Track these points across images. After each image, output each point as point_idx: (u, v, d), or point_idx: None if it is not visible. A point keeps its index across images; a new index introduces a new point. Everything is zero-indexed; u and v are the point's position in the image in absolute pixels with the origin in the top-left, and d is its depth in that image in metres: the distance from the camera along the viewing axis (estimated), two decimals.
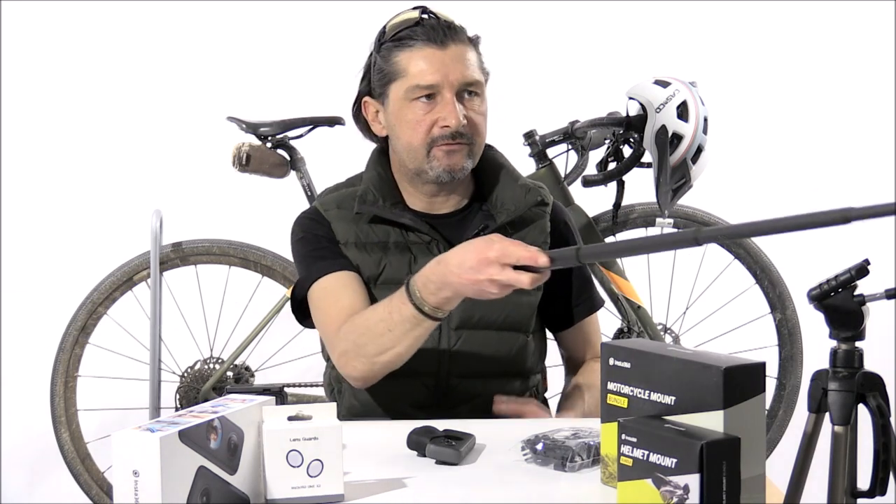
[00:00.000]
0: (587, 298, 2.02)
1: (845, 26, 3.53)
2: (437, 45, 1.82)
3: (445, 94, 1.82)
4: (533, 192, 1.92)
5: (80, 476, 2.92)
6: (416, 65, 1.83)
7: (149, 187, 3.34)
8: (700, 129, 2.58)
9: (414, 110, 1.84)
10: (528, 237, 1.91)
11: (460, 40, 1.85)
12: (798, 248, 3.20)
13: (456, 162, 1.84)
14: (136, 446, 1.19)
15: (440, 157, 1.84)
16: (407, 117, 1.85)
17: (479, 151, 1.89)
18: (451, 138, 1.82)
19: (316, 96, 2.95)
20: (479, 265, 1.53)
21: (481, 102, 1.87)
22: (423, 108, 1.83)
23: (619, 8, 3.49)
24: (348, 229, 1.89)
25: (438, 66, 1.82)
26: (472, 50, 1.87)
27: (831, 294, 1.43)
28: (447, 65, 1.82)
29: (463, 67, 1.83)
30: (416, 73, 1.83)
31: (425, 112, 1.83)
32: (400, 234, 1.88)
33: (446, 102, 1.82)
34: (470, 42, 1.88)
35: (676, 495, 1.18)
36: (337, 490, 1.33)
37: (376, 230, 1.89)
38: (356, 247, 1.89)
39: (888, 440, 1.41)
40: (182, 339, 2.96)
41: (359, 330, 1.75)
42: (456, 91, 1.83)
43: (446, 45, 1.83)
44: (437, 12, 1.88)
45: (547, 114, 2.85)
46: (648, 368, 1.31)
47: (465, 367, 1.86)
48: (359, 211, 1.88)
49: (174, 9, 3.39)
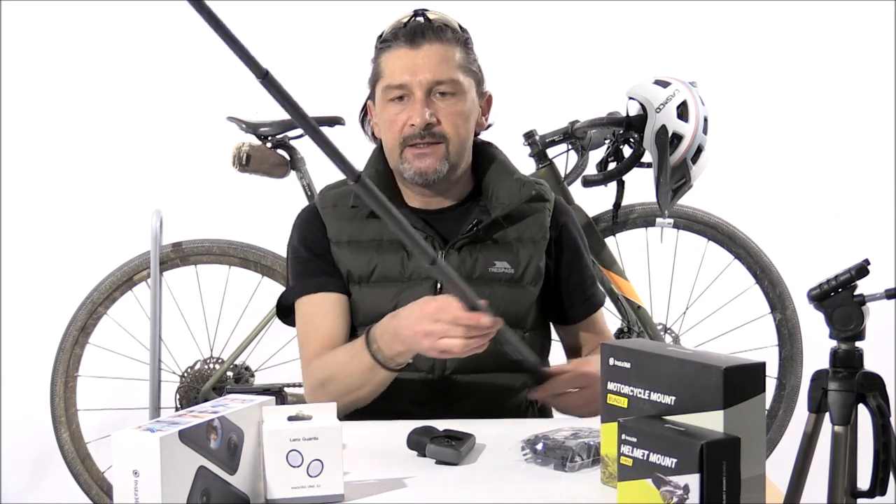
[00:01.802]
0: (593, 293, 2.03)
1: (845, 26, 3.53)
2: (410, 46, 1.86)
3: (416, 93, 1.85)
4: (528, 186, 1.93)
5: (80, 476, 2.92)
6: (390, 65, 1.87)
7: (149, 187, 3.34)
8: (700, 129, 2.58)
9: (389, 110, 1.88)
10: (527, 233, 1.92)
11: (437, 40, 1.86)
12: (798, 248, 3.21)
13: (427, 165, 1.86)
14: (136, 446, 1.19)
15: (410, 160, 1.87)
16: (384, 117, 1.89)
17: (459, 151, 1.89)
18: (419, 137, 1.85)
19: (316, 96, 2.95)
20: (418, 319, 1.63)
21: (457, 102, 1.87)
22: (396, 108, 1.87)
23: (619, 8, 3.49)
24: (342, 228, 1.92)
25: (409, 65, 1.85)
26: (455, 49, 1.88)
27: (831, 294, 1.43)
28: (417, 65, 1.85)
29: (433, 66, 1.85)
30: (388, 74, 1.87)
31: (398, 112, 1.87)
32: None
33: (414, 101, 1.85)
34: (456, 42, 1.88)
35: (676, 495, 1.18)
36: (337, 490, 1.33)
37: (371, 227, 1.90)
38: (349, 245, 1.90)
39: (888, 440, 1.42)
40: (182, 339, 2.96)
41: (327, 370, 1.82)
42: (426, 90, 1.84)
43: (419, 45, 1.85)
44: (430, 14, 1.89)
45: (547, 114, 2.85)
46: (648, 368, 1.31)
47: (464, 362, 1.86)
48: (354, 204, 1.90)
49: (174, 9, 3.39)
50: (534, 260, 1.91)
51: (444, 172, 1.87)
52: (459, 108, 1.87)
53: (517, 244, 1.92)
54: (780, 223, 3.36)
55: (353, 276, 1.90)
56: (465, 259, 1.88)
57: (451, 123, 1.86)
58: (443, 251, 1.88)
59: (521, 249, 1.91)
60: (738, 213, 2.99)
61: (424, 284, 1.87)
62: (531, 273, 1.91)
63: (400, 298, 1.85)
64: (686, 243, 2.92)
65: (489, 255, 1.89)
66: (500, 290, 1.87)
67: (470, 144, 1.92)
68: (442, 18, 1.90)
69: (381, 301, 1.86)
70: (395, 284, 1.88)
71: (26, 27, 3.40)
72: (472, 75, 1.90)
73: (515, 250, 1.91)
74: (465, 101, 1.88)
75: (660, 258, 2.91)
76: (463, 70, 1.88)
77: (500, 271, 1.89)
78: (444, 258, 1.87)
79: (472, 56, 1.91)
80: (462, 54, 1.89)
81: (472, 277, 1.87)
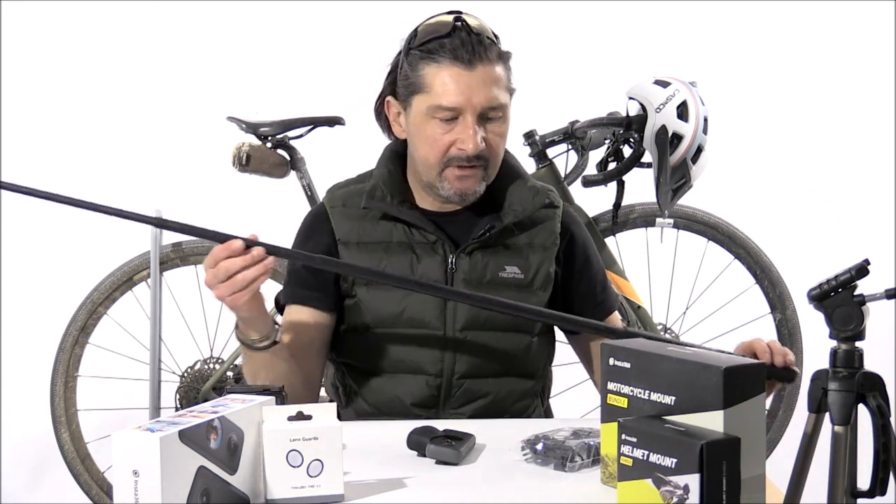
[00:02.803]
0: (605, 299, 2.01)
1: (845, 26, 3.53)
2: (464, 66, 1.78)
3: (467, 118, 1.79)
4: (541, 195, 1.91)
5: (80, 476, 2.92)
6: (441, 83, 1.79)
7: (149, 187, 3.34)
8: (700, 129, 2.58)
9: (433, 127, 1.81)
10: (537, 238, 1.91)
11: (489, 59, 1.79)
12: (798, 248, 3.21)
13: (468, 186, 1.83)
14: (136, 446, 1.19)
15: (451, 180, 1.83)
16: (426, 132, 1.82)
17: (495, 172, 1.87)
18: (466, 161, 1.81)
19: (316, 96, 2.96)
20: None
21: (502, 123, 1.83)
22: (443, 127, 1.80)
23: (619, 8, 3.49)
24: (351, 228, 1.89)
25: (463, 88, 1.78)
26: (501, 67, 1.82)
27: (831, 294, 1.43)
28: (472, 87, 1.78)
29: (488, 91, 1.79)
30: (440, 93, 1.79)
31: (444, 132, 1.80)
32: (404, 234, 1.88)
33: (467, 126, 1.79)
34: (500, 59, 1.82)
35: (676, 495, 1.18)
36: (337, 490, 1.33)
37: (380, 228, 1.88)
38: (357, 247, 1.89)
39: (888, 440, 1.42)
40: (182, 339, 2.96)
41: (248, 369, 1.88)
42: (478, 115, 1.79)
43: (474, 65, 1.78)
44: (470, 22, 1.81)
45: (547, 114, 2.85)
46: (648, 368, 1.31)
47: (469, 367, 1.86)
48: (366, 206, 1.88)
49: (174, 9, 3.39)
50: (544, 265, 1.90)
51: (481, 192, 1.85)
52: (503, 130, 1.84)
53: (527, 249, 1.90)
54: (780, 223, 3.36)
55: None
56: (475, 264, 1.87)
57: (496, 146, 1.83)
58: (453, 255, 1.86)
59: (531, 255, 1.90)
60: (738, 213, 2.99)
61: None
62: (541, 278, 1.90)
63: (408, 301, 1.84)
64: (686, 243, 2.92)
65: (500, 260, 1.88)
66: (510, 295, 1.85)
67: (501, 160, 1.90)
68: (483, 28, 1.82)
69: (388, 303, 1.85)
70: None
71: (26, 27, 3.40)
72: (511, 92, 1.86)
73: (526, 255, 1.90)
74: (507, 122, 1.85)
75: (660, 258, 2.91)
76: (507, 90, 1.84)
77: (510, 276, 1.88)
78: (455, 262, 1.86)
79: (510, 73, 1.86)
80: (505, 72, 1.83)
81: (482, 282, 1.86)
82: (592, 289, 1.99)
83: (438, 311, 1.85)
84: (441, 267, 1.86)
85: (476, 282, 1.86)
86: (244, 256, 1.65)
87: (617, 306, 2.06)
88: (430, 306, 1.85)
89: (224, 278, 1.66)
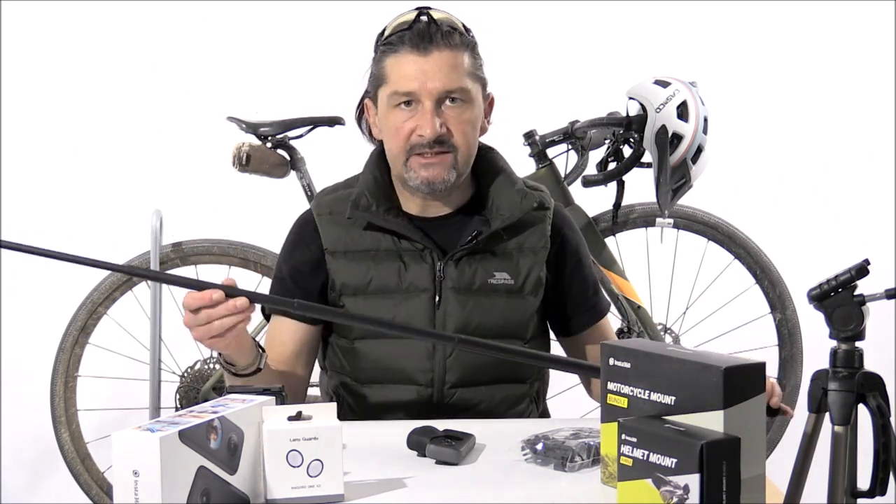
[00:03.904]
0: (596, 303, 2.00)
1: (845, 26, 3.53)
2: (419, 52, 1.79)
3: (424, 103, 1.80)
4: (529, 198, 1.89)
5: (80, 476, 2.92)
6: (398, 71, 1.81)
7: (149, 187, 3.34)
8: (700, 129, 2.58)
9: (395, 116, 1.83)
10: (527, 242, 1.90)
11: (447, 45, 1.80)
12: (798, 248, 3.21)
13: (435, 175, 1.82)
14: (136, 446, 1.19)
15: (416, 169, 1.82)
16: (389, 123, 1.84)
17: (467, 159, 1.85)
18: (428, 147, 1.80)
19: (316, 96, 2.96)
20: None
21: (466, 110, 1.82)
22: (403, 115, 1.82)
23: (619, 8, 3.49)
24: (338, 237, 1.88)
25: (418, 73, 1.79)
26: (464, 55, 1.82)
27: (831, 294, 1.43)
28: (427, 72, 1.79)
29: (443, 75, 1.79)
30: (396, 80, 1.81)
31: (405, 119, 1.82)
32: (392, 242, 1.86)
33: (424, 111, 1.80)
34: (465, 47, 1.83)
35: (676, 495, 1.18)
36: (337, 490, 1.34)
37: (367, 237, 1.87)
38: (344, 256, 1.88)
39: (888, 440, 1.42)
40: (182, 339, 2.94)
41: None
42: (436, 99, 1.80)
43: (429, 51, 1.79)
44: (435, 15, 1.83)
45: (547, 114, 2.85)
46: (648, 368, 1.31)
47: (461, 375, 1.85)
48: (351, 216, 1.87)
49: (174, 9, 3.39)
50: (534, 270, 1.89)
51: (451, 181, 1.84)
52: (468, 117, 1.83)
53: (517, 254, 1.89)
54: (780, 223, 3.35)
55: (349, 287, 1.87)
56: (463, 271, 1.85)
57: (461, 132, 1.82)
58: (441, 262, 1.85)
59: (521, 259, 1.88)
60: (738, 213, 2.99)
61: (422, 296, 1.84)
62: (531, 283, 1.89)
63: (397, 311, 1.83)
64: (686, 243, 2.92)
65: (489, 266, 1.87)
66: (501, 301, 1.86)
67: (475, 151, 1.88)
68: (448, 19, 1.84)
69: (377, 313, 1.83)
70: (391, 296, 1.85)
71: (26, 27, 3.40)
72: (479, 80, 1.85)
73: (515, 260, 1.88)
74: (474, 109, 1.84)
75: (660, 258, 2.91)
76: (471, 77, 1.83)
77: (499, 282, 1.86)
78: (443, 270, 1.85)
79: (479, 61, 1.86)
80: (470, 59, 1.83)
81: (471, 289, 1.85)
82: (584, 292, 1.98)
83: (427, 319, 1.84)
84: (429, 275, 1.85)
85: (465, 289, 1.85)
86: (226, 305, 1.59)
87: (609, 310, 2.05)
88: (419, 315, 1.83)
89: (204, 322, 1.61)
